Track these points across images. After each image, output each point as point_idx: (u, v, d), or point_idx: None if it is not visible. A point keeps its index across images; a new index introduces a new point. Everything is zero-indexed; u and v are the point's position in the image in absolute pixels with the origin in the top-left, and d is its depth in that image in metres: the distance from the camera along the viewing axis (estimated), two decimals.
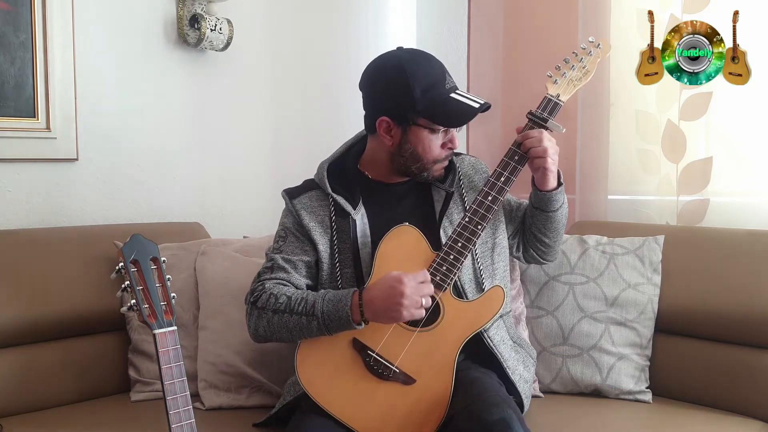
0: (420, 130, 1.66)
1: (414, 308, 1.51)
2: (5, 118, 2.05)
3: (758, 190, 2.17)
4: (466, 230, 1.64)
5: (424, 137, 1.67)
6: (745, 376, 1.87)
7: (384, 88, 1.67)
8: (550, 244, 1.86)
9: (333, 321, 1.55)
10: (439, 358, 1.60)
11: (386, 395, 1.59)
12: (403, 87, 1.63)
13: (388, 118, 1.67)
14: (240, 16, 2.47)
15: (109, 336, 2.04)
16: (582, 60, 1.75)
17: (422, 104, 1.63)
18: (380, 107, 1.68)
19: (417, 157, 1.69)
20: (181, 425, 1.31)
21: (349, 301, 1.54)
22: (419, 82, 1.63)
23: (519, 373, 1.74)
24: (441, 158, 1.71)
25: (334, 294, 1.59)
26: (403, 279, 1.50)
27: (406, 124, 1.66)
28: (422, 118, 1.65)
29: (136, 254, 1.32)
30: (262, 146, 2.65)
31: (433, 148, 1.68)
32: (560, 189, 1.76)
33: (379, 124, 1.68)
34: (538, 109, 1.72)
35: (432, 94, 1.64)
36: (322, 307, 1.56)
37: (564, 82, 1.72)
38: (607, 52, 1.78)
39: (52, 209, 2.17)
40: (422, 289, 1.52)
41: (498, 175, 1.69)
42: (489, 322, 1.65)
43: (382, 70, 1.69)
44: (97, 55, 2.23)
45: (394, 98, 1.65)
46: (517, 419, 1.45)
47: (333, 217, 1.72)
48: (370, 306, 1.53)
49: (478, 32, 2.76)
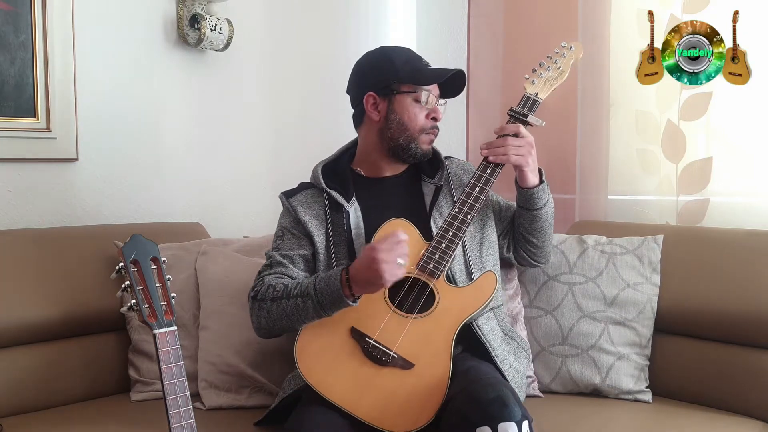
0: (404, 97, 1.78)
1: (392, 269, 1.54)
2: (5, 118, 2.05)
3: (758, 190, 2.17)
4: (456, 219, 1.72)
5: (408, 104, 1.79)
6: (745, 376, 1.87)
7: (367, 68, 1.83)
8: (538, 244, 1.90)
9: (326, 297, 1.60)
10: (436, 342, 1.63)
11: (386, 381, 1.61)
12: (385, 61, 1.80)
13: (373, 93, 1.80)
14: (240, 16, 2.47)
15: (109, 336, 2.04)
16: (557, 62, 1.86)
17: (403, 72, 1.78)
18: (365, 85, 1.81)
19: (403, 126, 1.79)
20: (181, 425, 1.31)
21: (339, 277, 1.60)
22: (400, 57, 1.80)
23: (509, 363, 1.76)
24: (427, 128, 1.81)
25: (325, 273, 1.65)
26: (375, 246, 1.56)
27: (391, 93, 1.78)
28: (404, 84, 1.78)
29: (136, 254, 1.32)
30: (262, 146, 2.65)
31: (417, 115, 1.79)
32: (542, 187, 1.82)
33: (366, 101, 1.80)
34: (518, 106, 1.82)
35: (412, 65, 1.80)
36: (314, 285, 1.62)
37: (541, 83, 1.83)
38: (579, 54, 1.89)
39: (52, 209, 2.17)
40: (395, 249, 1.55)
41: (484, 168, 1.78)
42: (483, 305, 1.69)
43: (364, 58, 1.86)
44: (97, 55, 2.23)
45: (378, 72, 1.80)
46: (513, 397, 1.46)
47: (328, 210, 1.80)
48: (354, 278, 1.58)
49: (478, 32, 2.77)
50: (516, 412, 1.43)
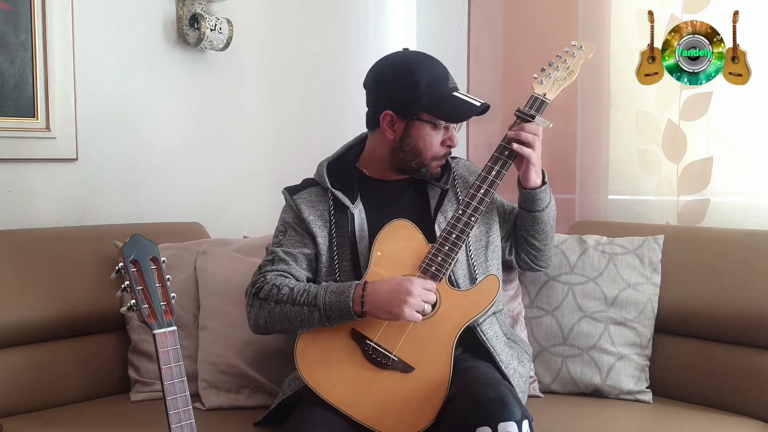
0: (422, 125, 1.73)
1: (416, 309, 1.56)
2: (5, 118, 2.05)
3: (758, 190, 2.17)
4: (460, 222, 1.70)
5: (425, 132, 1.73)
6: (745, 376, 1.87)
7: (389, 83, 1.74)
8: (539, 247, 1.89)
9: (334, 311, 1.59)
10: (436, 346, 1.63)
11: (385, 384, 1.61)
12: (408, 82, 1.70)
13: (391, 112, 1.73)
14: (240, 16, 2.47)
15: (109, 336, 2.04)
16: (566, 61, 1.83)
17: (426, 98, 1.70)
18: (385, 101, 1.75)
19: (417, 153, 1.75)
20: (181, 425, 1.31)
21: (352, 293, 1.59)
22: (424, 78, 1.70)
23: (513, 368, 1.76)
24: (440, 155, 1.77)
25: (336, 286, 1.63)
26: (413, 280, 1.58)
27: (410, 118, 1.72)
28: (425, 113, 1.71)
29: (136, 254, 1.32)
30: (262, 146, 2.65)
31: (433, 144, 1.75)
32: (544, 188, 1.81)
33: (383, 118, 1.74)
34: (526, 107, 1.79)
35: (435, 90, 1.71)
36: (324, 298, 1.61)
37: (549, 83, 1.81)
38: (590, 54, 1.86)
39: (52, 209, 2.17)
40: (427, 296, 1.59)
41: (489, 170, 1.75)
42: (485, 310, 1.68)
43: (388, 67, 1.77)
44: (97, 55, 2.23)
45: (399, 92, 1.71)
46: (512, 397, 1.46)
47: (332, 211, 1.77)
48: (373, 298, 1.58)
49: (478, 32, 2.76)
50: (516, 411, 1.43)
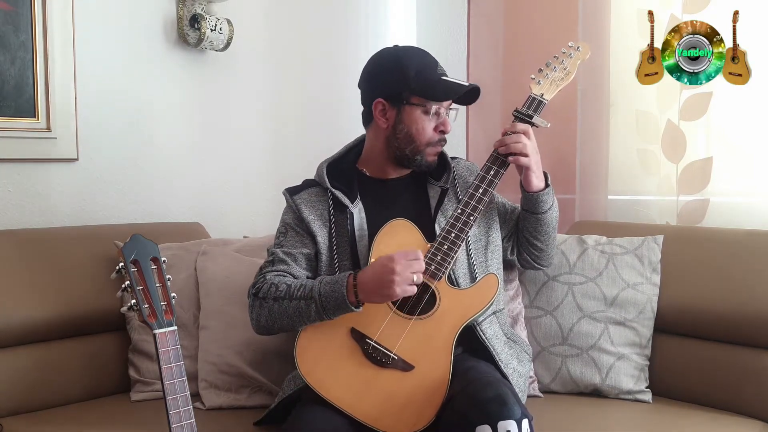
0: (413, 109, 1.75)
1: (405, 284, 1.55)
2: (5, 118, 2.05)
3: (758, 190, 2.17)
4: (459, 221, 1.70)
5: (417, 117, 1.76)
6: (745, 376, 1.87)
7: (380, 73, 1.79)
8: (542, 247, 1.89)
9: (330, 302, 1.60)
10: (436, 344, 1.63)
11: (385, 382, 1.61)
12: (397, 68, 1.75)
13: (383, 100, 1.77)
14: (240, 16, 2.47)
15: (109, 336, 2.04)
16: (563, 62, 1.84)
17: (415, 82, 1.73)
18: (376, 90, 1.78)
19: (411, 139, 1.77)
20: (181, 425, 1.31)
21: (345, 282, 1.60)
22: (413, 66, 1.75)
23: (513, 367, 1.76)
24: (433, 141, 1.79)
25: (330, 277, 1.65)
26: (393, 257, 1.56)
27: (401, 104, 1.75)
28: (415, 96, 1.74)
29: (136, 254, 1.32)
30: (263, 146, 2.65)
31: (426, 129, 1.77)
32: (547, 190, 1.81)
33: (375, 107, 1.78)
34: (523, 107, 1.80)
35: (424, 75, 1.75)
36: (319, 289, 1.62)
37: (547, 83, 1.82)
38: (586, 54, 1.86)
39: (52, 209, 2.17)
40: (413, 266, 1.57)
41: (487, 169, 1.76)
42: (485, 308, 1.68)
43: (378, 58, 1.82)
44: (97, 55, 2.23)
45: (389, 79, 1.76)
46: (512, 396, 1.46)
47: (332, 210, 1.79)
48: (363, 286, 1.58)
49: (478, 32, 2.76)
50: (515, 410, 1.43)
